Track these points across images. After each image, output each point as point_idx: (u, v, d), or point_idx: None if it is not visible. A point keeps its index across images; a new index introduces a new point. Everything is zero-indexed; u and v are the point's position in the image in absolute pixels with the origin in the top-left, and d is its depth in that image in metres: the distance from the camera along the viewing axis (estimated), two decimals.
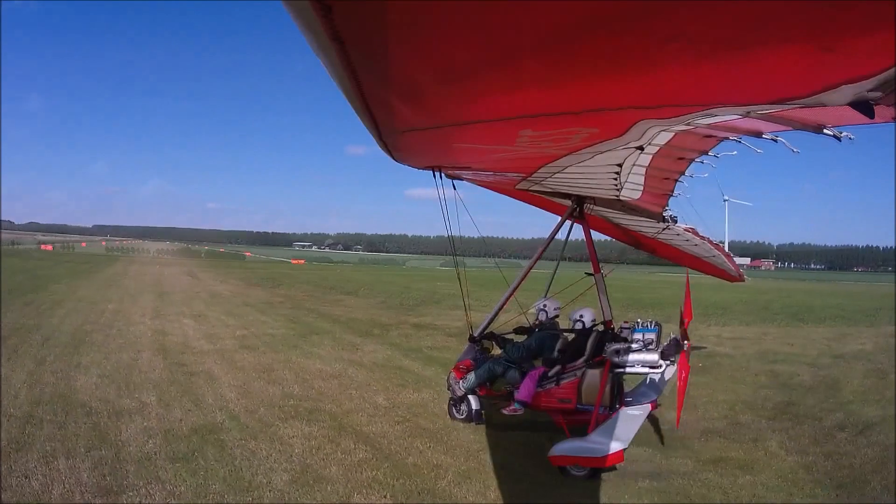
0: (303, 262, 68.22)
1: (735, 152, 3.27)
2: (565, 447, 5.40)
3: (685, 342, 5.75)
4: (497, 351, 7.16)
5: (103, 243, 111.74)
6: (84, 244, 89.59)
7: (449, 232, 6.16)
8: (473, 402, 6.75)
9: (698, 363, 10.92)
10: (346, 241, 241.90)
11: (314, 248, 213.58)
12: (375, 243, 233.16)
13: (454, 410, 6.92)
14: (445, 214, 5.85)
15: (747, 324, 18.21)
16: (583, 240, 6.94)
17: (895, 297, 27.45)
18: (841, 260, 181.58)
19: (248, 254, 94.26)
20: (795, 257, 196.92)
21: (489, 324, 7.13)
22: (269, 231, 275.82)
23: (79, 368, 8.14)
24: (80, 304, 15.27)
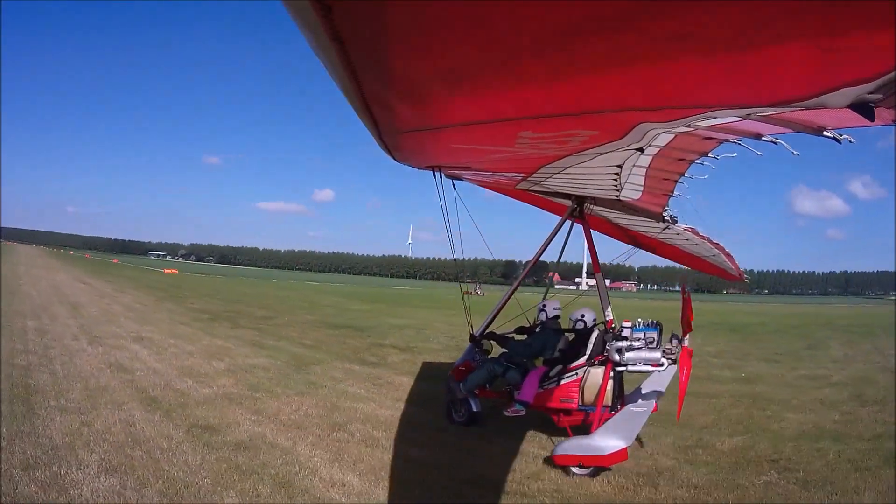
0: (176, 271, 64.18)
1: (735, 154, 3.26)
2: (568, 446, 5.39)
3: (685, 339, 5.75)
4: (496, 351, 7.17)
5: None
6: None
7: (449, 233, 6.16)
8: (473, 405, 6.74)
9: (741, 373, 11.78)
10: (199, 252, 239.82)
11: (168, 257, 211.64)
12: (227, 255, 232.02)
13: (453, 413, 6.90)
14: (446, 215, 5.85)
15: (701, 339, 18.16)
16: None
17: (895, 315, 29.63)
18: (709, 282, 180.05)
19: (115, 261, 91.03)
20: (658, 279, 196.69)
21: (489, 324, 7.13)
22: (127, 238, 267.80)
23: (59, 453, 5.14)
24: None
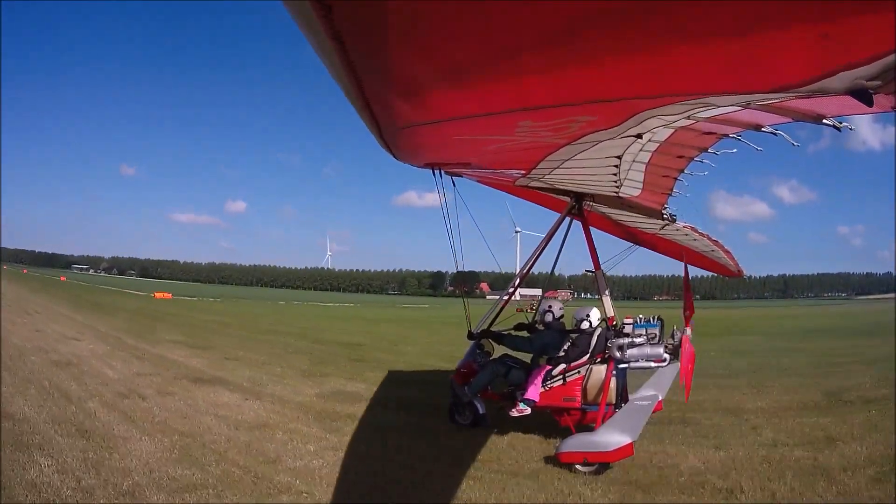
0: (170, 296, 46.44)
1: (735, 150, 3.28)
2: (573, 443, 5.38)
3: (687, 328, 5.74)
4: (495, 350, 7.16)
5: None
6: None
7: (449, 232, 6.14)
8: (479, 407, 6.72)
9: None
10: (120, 266, 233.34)
11: (91, 271, 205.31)
12: (149, 269, 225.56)
13: (457, 416, 6.88)
14: (446, 214, 5.85)
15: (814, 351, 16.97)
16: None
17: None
18: (641, 289, 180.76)
19: (62, 278, 74.31)
20: (591, 288, 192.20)
21: (489, 323, 7.13)
22: (50, 251, 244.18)
23: None
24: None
